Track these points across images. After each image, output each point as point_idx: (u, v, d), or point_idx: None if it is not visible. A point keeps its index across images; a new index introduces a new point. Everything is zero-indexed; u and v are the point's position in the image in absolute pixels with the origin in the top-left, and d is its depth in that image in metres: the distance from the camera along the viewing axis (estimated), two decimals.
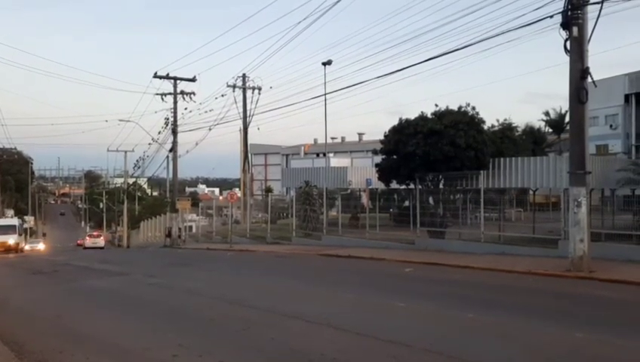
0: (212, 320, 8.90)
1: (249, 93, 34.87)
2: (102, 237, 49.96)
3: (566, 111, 42.10)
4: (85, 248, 45.63)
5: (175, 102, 35.50)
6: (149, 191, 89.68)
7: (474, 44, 15.48)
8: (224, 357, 6.54)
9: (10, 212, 59.99)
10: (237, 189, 43.12)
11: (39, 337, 8.18)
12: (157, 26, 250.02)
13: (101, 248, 44.66)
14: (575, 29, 12.31)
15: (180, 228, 35.03)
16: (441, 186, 20.74)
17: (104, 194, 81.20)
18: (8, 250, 34.51)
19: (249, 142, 37.78)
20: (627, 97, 41.94)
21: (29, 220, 67.90)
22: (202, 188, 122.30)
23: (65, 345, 7.57)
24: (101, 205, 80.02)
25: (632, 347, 6.72)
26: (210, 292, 11.72)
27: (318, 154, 68.78)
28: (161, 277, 14.92)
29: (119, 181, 76.72)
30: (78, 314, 10.07)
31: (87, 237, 51.31)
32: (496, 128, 24.55)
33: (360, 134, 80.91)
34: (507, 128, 25.53)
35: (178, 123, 35.51)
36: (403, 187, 22.62)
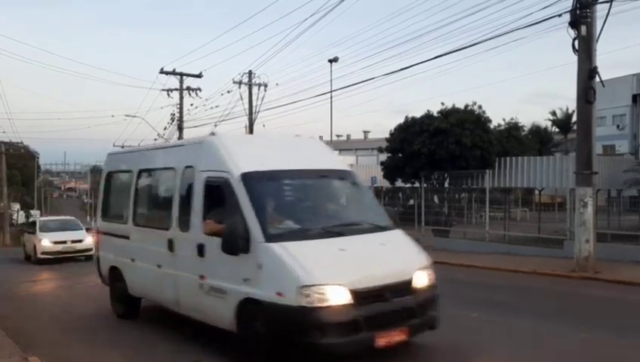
0: None
1: (255, 89, 34.74)
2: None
3: (573, 111, 41.93)
4: None
5: (181, 98, 35.45)
6: None
7: (481, 42, 15.35)
8: (229, 352, 6.54)
9: (17, 206, 60.21)
10: None
11: (45, 332, 8.23)
12: (164, 23, 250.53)
13: None
14: (583, 28, 12.20)
15: None
16: (446, 185, 20.69)
17: None
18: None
19: None
20: (635, 97, 41.69)
21: (35, 214, 68.22)
22: None
23: (71, 339, 7.61)
24: None
25: (637, 348, 6.69)
26: None
27: None
28: None
29: None
30: (85, 309, 10.10)
31: None
32: (502, 127, 24.40)
33: (365, 132, 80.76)
34: (513, 127, 25.37)
35: (184, 119, 35.48)
36: (408, 185, 22.58)
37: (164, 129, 37.13)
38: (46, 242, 19.23)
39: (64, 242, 19.41)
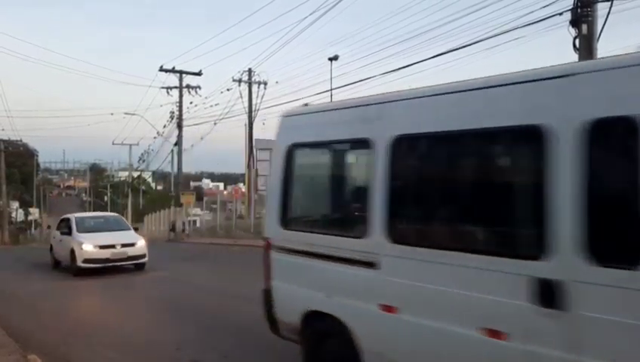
0: (216, 316, 8.89)
1: (255, 87, 34.78)
2: None
3: None
4: None
5: (180, 96, 35.47)
6: (153, 185, 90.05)
7: (481, 41, 15.29)
8: (228, 352, 6.53)
9: (16, 204, 60.25)
10: (241, 184, 43.21)
11: (44, 330, 8.21)
12: (163, 21, 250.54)
13: None
14: (584, 27, 12.19)
15: (184, 223, 35.08)
16: None
17: (109, 187, 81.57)
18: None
19: (254, 137, 37.74)
20: None
21: (34, 212, 68.28)
22: (207, 183, 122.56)
23: (70, 337, 7.59)
24: (106, 198, 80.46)
25: None
26: (214, 287, 11.72)
27: None
28: (166, 271, 14.95)
29: (124, 174, 77.04)
30: (84, 307, 10.10)
31: None
32: None
33: None
34: None
35: (183, 117, 35.50)
36: None
37: (164, 127, 37.15)
38: (89, 246, 14.55)
39: (112, 246, 14.75)
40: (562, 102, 3.31)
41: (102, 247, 14.65)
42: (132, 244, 15.22)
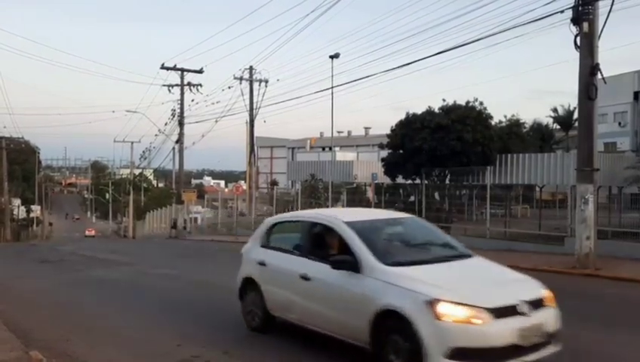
0: (216, 312, 8.92)
1: (256, 85, 34.76)
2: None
3: (574, 108, 41.80)
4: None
5: (182, 94, 35.52)
6: (154, 182, 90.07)
7: (482, 38, 15.31)
8: (228, 348, 6.56)
9: (17, 201, 60.26)
10: (242, 182, 43.26)
11: (45, 326, 8.24)
12: (165, 17, 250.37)
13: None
14: (585, 25, 12.18)
15: (185, 220, 35.13)
16: (447, 181, 20.69)
17: (110, 184, 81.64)
18: None
19: (255, 134, 37.76)
20: (636, 94, 41.54)
21: (36, 210, 68.30)
22: (208, 180, 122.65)
23: (70, 334, 7.61)
24: (107, 196, 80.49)
25: (637, 344, 6.69)
26: (215, 284, 11.75)
27: (323, 148, 68.67)
28: (167, 268, 14.97)
29: (125, 172, 77.03)
30: (84, 304, 10.13)
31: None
32: (503, 124, 24.44)
33: (366, 128, 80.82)
34: (515, 124, 25.42)
35: (185, 114, 35.53)
36: (409, 182, 22.58)
37: (165, 125, 37.25)
38: (465, 311, 4.91)
39: (515, 310, 5.23)
40: None
41: (498, 314, 5.13)
42: (539, 303, 5.88)
